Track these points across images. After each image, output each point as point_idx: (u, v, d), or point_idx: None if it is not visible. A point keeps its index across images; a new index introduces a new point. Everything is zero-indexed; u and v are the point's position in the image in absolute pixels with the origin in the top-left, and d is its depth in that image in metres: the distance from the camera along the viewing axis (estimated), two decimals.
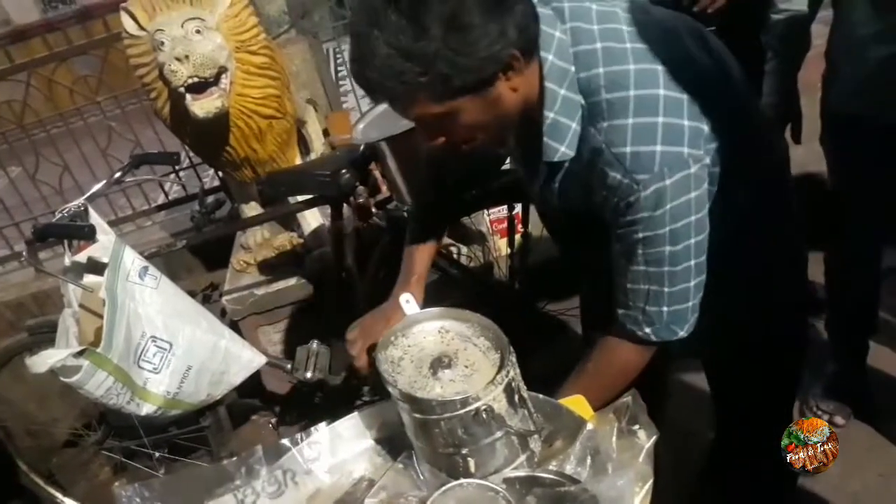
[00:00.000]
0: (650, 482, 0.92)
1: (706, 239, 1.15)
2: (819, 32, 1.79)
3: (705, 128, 1.08)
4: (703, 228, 1.14)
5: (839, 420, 2.10)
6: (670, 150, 1.06)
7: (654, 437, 0.96)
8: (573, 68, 1.10)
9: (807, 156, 2.01)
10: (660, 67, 1.08)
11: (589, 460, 0.98)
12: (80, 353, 1.68)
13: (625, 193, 1.09)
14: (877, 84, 1.62)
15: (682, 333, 1.21)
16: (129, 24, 2.17)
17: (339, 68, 4.40)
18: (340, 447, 1.16)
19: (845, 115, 1.73)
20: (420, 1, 0.97)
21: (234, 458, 1.16)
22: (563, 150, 1.13)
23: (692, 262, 1.15)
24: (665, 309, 1.18)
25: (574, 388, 1.24)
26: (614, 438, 0.98)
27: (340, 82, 4.21)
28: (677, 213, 1.09)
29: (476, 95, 1.04)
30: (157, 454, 2.23)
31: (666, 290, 1.16)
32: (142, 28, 2.15)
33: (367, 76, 1.03)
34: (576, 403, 1.10)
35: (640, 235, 1.12)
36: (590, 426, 1.01)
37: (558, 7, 1.12)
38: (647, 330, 1.21)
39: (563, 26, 1.10)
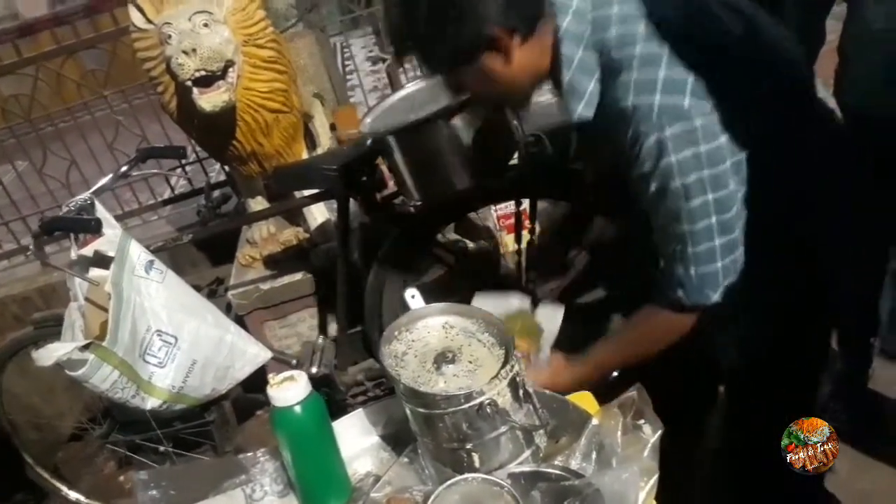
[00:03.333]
0: (655, 476, 0.92)
1: (731, 197, 1.13)
2: (832, 28, 1.78)
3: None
4: (722, 185, 1.11)
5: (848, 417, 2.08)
6: (669, 99, 1.07)
7: (659, 432, 0.95)
8: (589, 30, 1.14)
9: None
10: (667, 46, 1.10)
11: (594, 455, 0.97)
12: (85, 347, 1.68)
13: (631, 144, 1.12)
14: (888, 80, 1.60)
15: (716, 297, 1.19)
16: (136, 17, 2.17)
17: (347, 62, 4.39)
18: (346, 443, 1.16)
19: (857, 111, 1.71)
20: None
21: (249, 454, 1.18)
22: (579, 111, 1.17)
23: (713, 220, 1.12)
24: (693, 271, 1.17)
25: (609, 345, 1.33)
26: (619, 433, 0.97)
27: (348, 77, 4.20)
28: (685, 167, 1.09)
29: (466, 68, 1.16)
30: (161, 448, 2.23)
31: (690, 250, 1.15)
32: (149, 21, 2.15)
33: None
34: (582, 399, 1.09)
35: (653, 188, 1.13)
36: (595, 421, 1.00)
37: None
38: (679, 293, 1.20)
39: None
